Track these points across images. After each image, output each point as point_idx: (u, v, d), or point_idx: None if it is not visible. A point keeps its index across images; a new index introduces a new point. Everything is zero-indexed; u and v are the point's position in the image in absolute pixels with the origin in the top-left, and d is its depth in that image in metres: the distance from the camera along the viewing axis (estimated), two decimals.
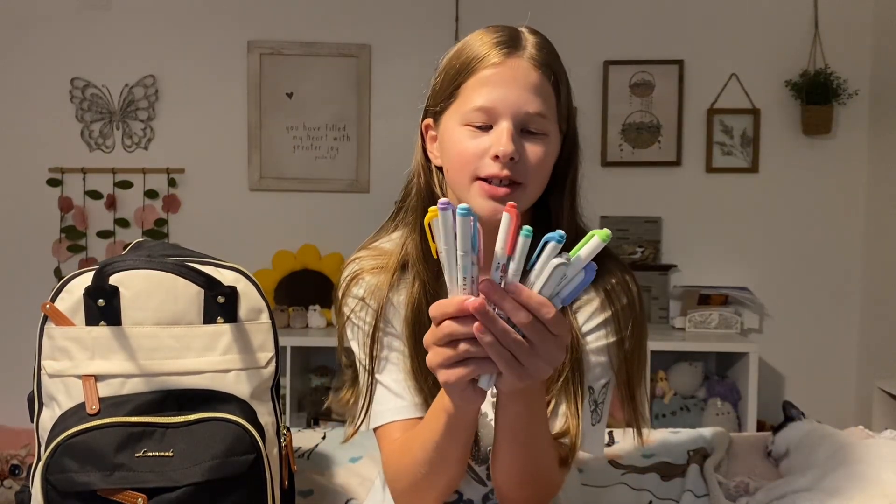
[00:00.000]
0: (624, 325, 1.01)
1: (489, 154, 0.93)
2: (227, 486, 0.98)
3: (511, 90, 0.93)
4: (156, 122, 3.27)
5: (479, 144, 0.94)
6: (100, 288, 1.02)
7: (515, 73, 0.94)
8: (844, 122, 3.15)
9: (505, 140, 0.92)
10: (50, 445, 0.96)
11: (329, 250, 3.24)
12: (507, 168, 0.93)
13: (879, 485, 1.20)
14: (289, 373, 2.90)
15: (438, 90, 1.00)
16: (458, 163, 0.96)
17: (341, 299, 1.07)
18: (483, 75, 0.94)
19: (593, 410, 1.01)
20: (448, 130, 0.98)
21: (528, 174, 0.95)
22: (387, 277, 1.03)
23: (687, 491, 1.34)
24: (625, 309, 1.02)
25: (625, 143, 3.22)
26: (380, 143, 3.27)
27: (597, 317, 1.01)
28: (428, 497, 0.97)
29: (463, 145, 0.95)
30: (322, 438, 1.50)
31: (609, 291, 1.02)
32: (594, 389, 1.01)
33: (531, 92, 0.94)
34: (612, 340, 1.01)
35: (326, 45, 3.24)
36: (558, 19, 3.15)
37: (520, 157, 0.93)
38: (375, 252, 1.07)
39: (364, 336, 1.04)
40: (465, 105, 0.95)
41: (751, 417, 2.81)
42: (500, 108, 0.93)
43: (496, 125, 0.94)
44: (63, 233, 3.25)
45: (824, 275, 3.20)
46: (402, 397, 1.02)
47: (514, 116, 0.93)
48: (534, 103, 0.94)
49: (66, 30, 3.24)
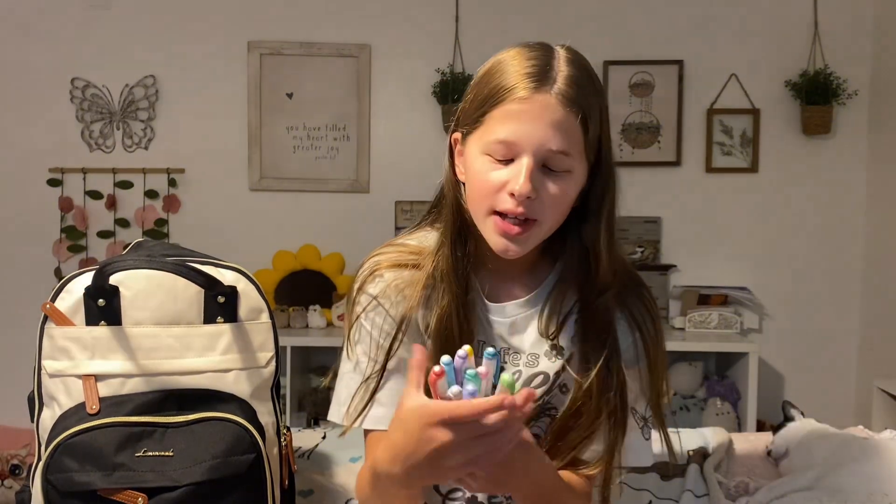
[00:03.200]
0: (649, 344, 1.04)
1: (506, 189, 0.92)
2: (227, 486, 0.98)
3: (535, 126, 0.91)
4: (156, 122, 3.28)
5: (498, 177, 0.93)
6: (100, 288, 1.02)
7: (542, 110, 0.91)
8: (844, 122, 3.15)
9: (523, 179, 0.90)
10: (50, 445, 0.96)
11: (329, 250, 3.24)
12: (522, 206, 0.92)
13: (879, 484, 1.20)
14: (289, 373, 2.90)
15: (466, 111, 0.98)
16: (476, 192, 0.96)
17: (356, 294, 1.04)
18: (508, 108, 0.92)
19: (642, 427, 1.05)
20: (470, 156, 0.97)
21: (545, 211, 0.94)
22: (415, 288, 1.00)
23: (687, 491, 1.35)
24: (646, 326, 1.04)
25: (625, 143, 3.22)
26: (380, 143, 3.27)
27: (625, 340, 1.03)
28: None
29: (483, 176, 0.94)
30: (322, 438, 1.50)
31: (630, 312, 1.04)
32: (636, 410, 1.04)
33: (555, 129, 0.91)
34: (642, 364, 1.04)
35: (326, 45, 3.24)
36: (558, 19, 3.15)
37: (537, 195, 0.92)
38: (399, 247, 1.05)
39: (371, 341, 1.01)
40: (488, 135, 0.93)
41: (751, 417, 2.80)
42: (522, 144, 0.91)
43: (517, 159, 0.92)
44: (63, 233, 3.25)
45: (824, 275, 3.20)
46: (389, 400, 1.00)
47: (536, 153, 0.91)
48: (556, 141, 0.91)
49: (66, 30, 3.24)
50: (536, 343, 1.02)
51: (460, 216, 1.00)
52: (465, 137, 0.98)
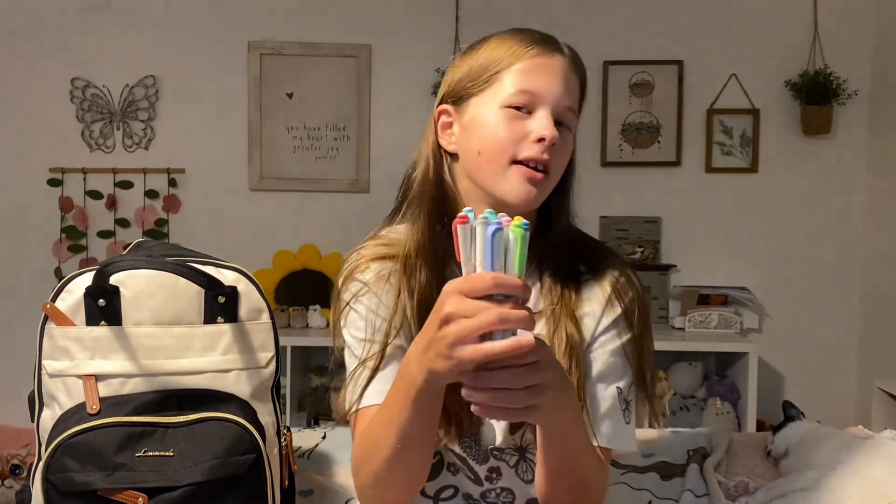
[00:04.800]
0: (634, 320, 1.02)
1: (531, 137, 0.95)
2: (227, 486, 0.98)
3: (554, 80, 0.97)
4: (156, 122, 3.28)
5: (521, 128, 0.96)
6: (100, 288, 1.02)
7: (556, 67, 0.98)
8: (844, 122, 3.15)
9: (550, 125, 0.95)
10: (50, 445, 0.96)
11: (329, 250, 3.24)
12: (547, 153, 0.95)
13: (879, 485, 1.20)
14: (289, 373, 2.91)
15: (468, 75, 1.00)
16: (494, 144, 0.97)
17: (341, 285, 1.04)
18: (528, 63, 0.97)
19: (624, 409, 1.02)
20: (482, 114, 0.98)
21: (557, 165, 0.98)
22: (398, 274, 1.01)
23: (686, 491, 1.35)
24: (632, 302, 1.03)
25: (624, 144, 3.22)
26: (380, 143, 3.27)
27: (607, 315, 1.02)
28: (389, 496, 0.95)
29: (502, 126, 0.96)
30: (322, 438, 1.50)
31: (615, 288, 1.03)
32: (621, 389, 1.02)
33: (568, 86, 0.99)
34: (626, 338, 1.02)
35: (326, 45, 3.24)
36: (558, 19, 3.15)
37: (556, 147, 0.96)
38: (379, 241, 1.06)
39: (366, 325, 1.00)
40: (507, 89, 0.97)
41: (750, 417, 2.80)
42: (544, 94, 0.97)
43: (535, 111, 0.96)
44: (63, 233, 3.25)
45: (824, 275, 3.20)
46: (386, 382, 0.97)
47: (554, 106, 0.97)
48: (569, 97, 0.98)
49: (66, 30, 3.24)
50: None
51: (440, 190, 1.01)
52: (465, 102, 1.00)
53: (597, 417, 1.00)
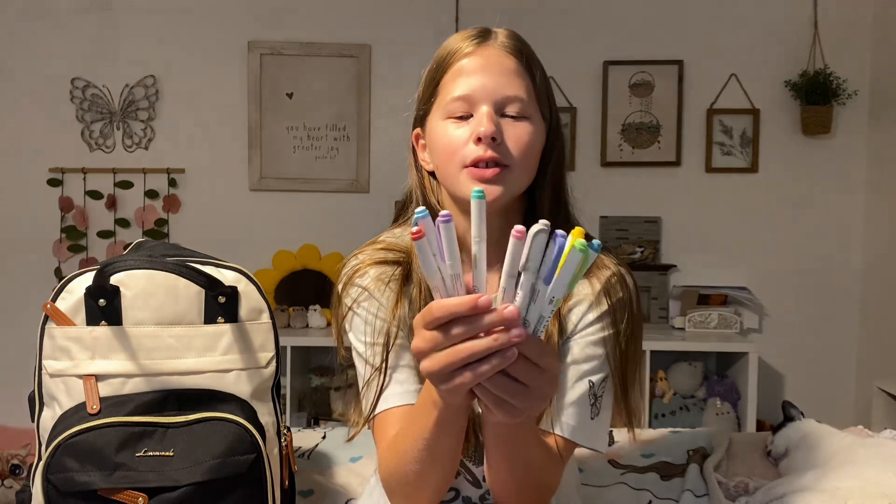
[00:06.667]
0: (620, 319, 1.01)
1: (472, 139, 0.96)
2: (227, 486, 0.98)
3: (486, 76, 0.96)
4: (156, 122, 3.28)
5: (463, 133, 0.97)
6: (101, 288, 1.02)
7: (488, 60, 0.97)
8: (844, 123, 3.15)
9: (485, 121, 0.95)
10: (51, 445, 0.96)
11: (329, 250, 3.24)
12: (490, 149, 0.95)
13: (879, 485, 1.20)
14: (289, 373, 2.91)
15: (421, 95, 1.05)
16: (445, 155, 0.99)
17: (341, 290, 1.04)
18: (458, 67, 0.98)
19: (592, 404, 0.99)
20: (433, 129, 1.01)
21: (513, 156, 0.96)
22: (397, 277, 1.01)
23: (686, 491, 1.35)
24: (621, 302, 1.01)
25: (624, 143, 3.22)
26: (380, 143, 3.27)
27: (593, 310, 1.01)
28: (421, 497, 0.95)
29: (447, 136, 0.98)
30: (322, 438, 1.50)
31: (605, 285, 1.01)
32: (593, 383, 0.99)
33: (506, 76, 0.97)
34: (608, 333, 1.00)
35: (326, 45, 3.24)
36: (558, 19, 3.16)
37: (501, 139, 0.95)
38: (378, 245, 1.07)
39: (371, 329, 1.01)
40: (445, 99, 0.99)
41: (750, 417, 2.81)
42: (477, 95, 0.96)
43: (476, 112, 0.97)
44: (63, 233, 3.25)
45: (824, 275, 3.20)
46: (402, 384, 0.99)
47: (492, 100, 0.96)
48: (510, 87, 0.96)
49: (66, 30, 3.24)
50: None
51: (428, 206, 1.04)
52: (426, 121, 1.04)
53: (561, 405, 0.97)
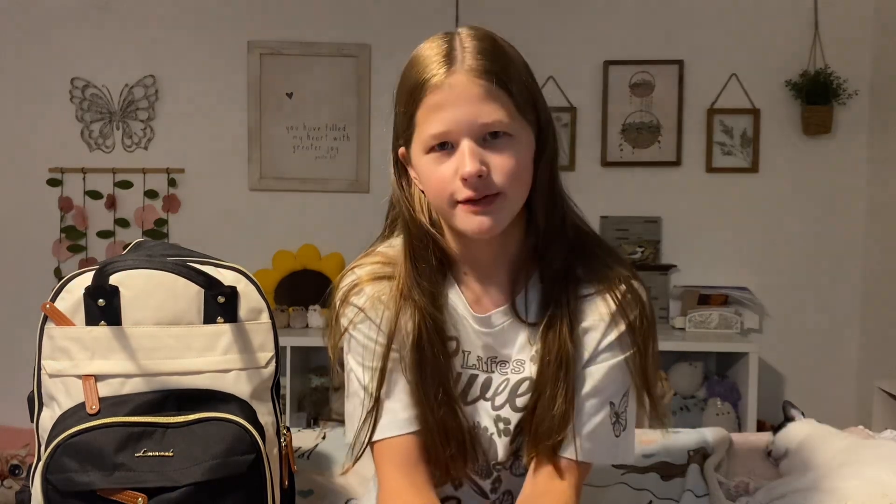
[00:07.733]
0: (639, 334, 0.99)
1: (458, 177, 0.92)
2: (227, 486, 0.98)
3: (459, 109, 0.91)
4: (156, 122, 3.28)
5: (447, 170, 0.93)
6: (100, 288, 1.02)
7: (458, 91, 0.92)
8: (844, 122, 3.15)
9: (468, 160, 0.91)
10: (50, 445, 0.96)
11: (329, 250, 3.24)
12: (477, 187, 0.92)
13: (879, 485, 1.20)
14: (289, 373, 2.91)
15: (399, 122, 0.99)
16: (435, 191, 0.95)
17: (339, 308, 1.03)
18: (428, 102, 0.93)
19: (615, 422, 1.00)
20: (418, 161, 0.97)
21: (504, 182, 0.92)
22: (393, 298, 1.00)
23: (687, 491, 1.34)
24: (639, 319, 0.99)
25: (625, 143, 3.22)
26: (380, 143, 3.27)
27: (611, 332, 0.99)
28: None
29: (434, 174, 0.94)
30: (322, 438, 1.50)
31: (621, 303, 0.99)
32: (614, 403, 1.00)
33: (479, 103, 0.91)
34: (629, 353, 0.99)
35: (326, 45, 3.24)
36: (558, 19, 3.15)
37: (488, 171, 0.92)
38: (376, 258, 1.04)
39: (368, 353, 1.00)
40: (423, 135, 0.94)
41: (751, 417, 2.80)
42: (453, 130, 0.92)
43: (457, 146, 0.92)
44: (63, 233, 3.25)
45: (824, 275, 3.20)
46: (397, 413, 0.99)
47: (470, 133, 0.91)
48: (485, 113, 0.91)
49: (66, 30, 3.24)
50: (523, 348, 1.01)
51: (416, 227, 1.00)
52: (409, 145, 0.98)
53: (582, 433, 0.98)
